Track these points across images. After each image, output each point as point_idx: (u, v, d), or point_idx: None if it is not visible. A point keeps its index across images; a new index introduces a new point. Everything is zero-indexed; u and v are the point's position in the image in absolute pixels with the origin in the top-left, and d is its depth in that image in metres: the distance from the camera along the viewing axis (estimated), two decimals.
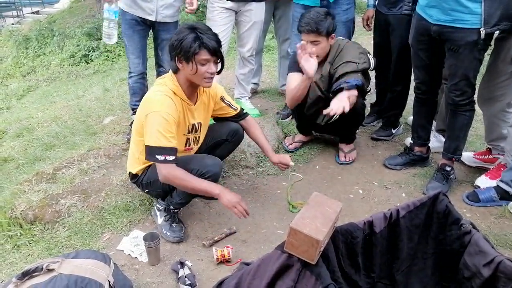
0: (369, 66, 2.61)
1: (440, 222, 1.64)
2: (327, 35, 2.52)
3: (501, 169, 2.56)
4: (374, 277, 1.68)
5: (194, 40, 1.90)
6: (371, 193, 2.59)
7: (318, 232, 1.38)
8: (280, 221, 2.37)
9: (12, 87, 7.34)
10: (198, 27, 1.94)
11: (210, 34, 1.95)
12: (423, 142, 2.76)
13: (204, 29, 1.95)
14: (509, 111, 2.55)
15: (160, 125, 1.92)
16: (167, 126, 1.93)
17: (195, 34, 1.90)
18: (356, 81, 2.51)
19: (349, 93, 2.48)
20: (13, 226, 2.31)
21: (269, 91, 4.02)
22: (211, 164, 2.09)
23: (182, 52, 1.93)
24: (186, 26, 1.96)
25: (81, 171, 2.63)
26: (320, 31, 2.48)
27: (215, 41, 1.95)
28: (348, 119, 2.71)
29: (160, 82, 2.09)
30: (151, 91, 2.08)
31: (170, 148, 1.93)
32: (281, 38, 3.58)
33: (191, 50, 1.90)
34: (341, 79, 2.54)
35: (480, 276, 1.46)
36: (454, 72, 2.31)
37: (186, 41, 1.90)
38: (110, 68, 7.05)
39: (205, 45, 1.91)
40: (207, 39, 1.92)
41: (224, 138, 2.37)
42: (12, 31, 9.67)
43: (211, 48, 1.93)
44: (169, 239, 2.17)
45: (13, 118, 4.69)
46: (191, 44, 1.90)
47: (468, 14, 2.13)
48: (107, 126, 3.34)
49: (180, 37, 1.92)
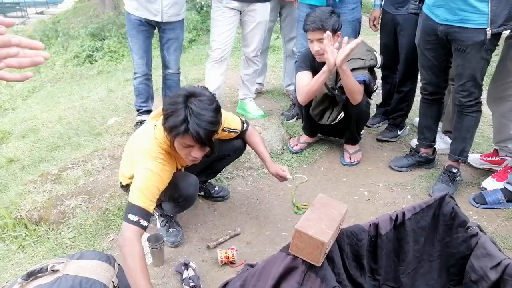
0: (376, 63, 2.61)
1: (446, 224, 1.63)
2: (333, 32, 2.51)
3: (508, 171, 2.54)
4: (380, 279, 1.66)
5: (182, 122, 1.64)
6: (376, 195, 2.58)
7: (324, 234, 1.37)
8: (285, 222, 2.35)
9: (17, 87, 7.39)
10: (192, 106, 1.65)
11: (203, 118, 1.65)
12: (429, 143, 2.74)
13: (198, 108, 1.65)
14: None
15: (147, 186, 1.73)
16: (153, 190, 1.75)
17: (184, 115, 1.63)
18: (363, 76, 2.52)
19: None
20: (18, 227, 2.32)
21: (273, 92, 4.01)
22: (184, 187, 1.95)
23: (167, 127, 1.70)
24: (184, 94, 1.68)
25: (86, 172, 2.63)
26: (326, 28, 2.47)
27: (205, 128, 1.65)
28: (353, 117, 2.71)
29: (152, 138, 1.84)
30: (145, 144, 1.84)
31: (147, 212, 1.71)
32: (287, 37, 3.57)
33: (173, 131, 1.68)
34: None
35: (487, 279, 1.44)
36: (461, 72, 2.29)
37: (173, 118, 1.66)
38: (114, 69, 7.08)
39: (191, 131, 1.64)
40: (196, 125, 1.63)
41: (227, 154, 2.29)
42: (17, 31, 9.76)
43: (197, 136, 1.65)
44: (167, 243, 2.16)
45: (18, 119, 4.72)
46: (176, 125, 1.65)
47: (475, 14, 2.12)
48: (111, 127, 3.35)
49: (172, 108, 1.67)
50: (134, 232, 1.67)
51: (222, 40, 3.08)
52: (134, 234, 1.66)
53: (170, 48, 3.00)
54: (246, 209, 2.47)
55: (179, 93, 1.71)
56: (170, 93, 3.18)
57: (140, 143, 1.88)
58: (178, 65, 3.12)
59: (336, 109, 2.73)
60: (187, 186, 1.97)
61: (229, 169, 2.74)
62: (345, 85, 2.49)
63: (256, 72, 3.42)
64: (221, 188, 2.55)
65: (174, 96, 1.71)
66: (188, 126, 1.64)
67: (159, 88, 3.37)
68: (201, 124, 1.64)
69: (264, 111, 3.40)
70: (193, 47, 7.52)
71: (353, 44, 2.31)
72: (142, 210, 1.70)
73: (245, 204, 2.51)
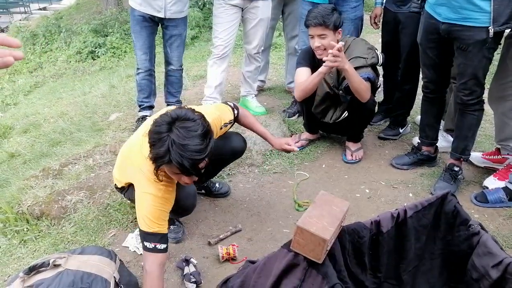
0: (378, 61, 2.61)
1: (448, 222, 1.63)
2: (334, 29, 2.51)
3: (510, 169, 2.53)
4: (381, 277, 1.66)
5: (165, 153, 1.50)
6: (378, 193, 2.57)
7: (325, 231, 1.37)
8: (286, 219, 2.36)
9: (19, 83, 7.39)
10: (175, 135, 1.49)
11: (188, 148, 1.49)
12: (431, 141, 2.74)
13: (182, 137, 1.49)
14: None
15: (153, 211, 1.67)
16: (160, 213, 1.68)
17: (167, 146, 1.49)
18: (367, 74, 2.52)
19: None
20: (20, 221, 2.32)
21: (275, 89, 4.00)
22: (182, 198, 1.89)
23: (151, 157, 1.56)
24: (167, 121, 1.52)
25: (87, 167, 2.63)
26: (327, 24, 2.47)
27: (190, 158, 1.50)
28: (358, 115, 2.71)
29: (148, 158, 1.65)
30: (144, 164, 1.68)
31: (162, 234, 1.67)
32: (289, 35, 3.56)
33: (157, 162, 1.55)
34: None
35: (488, 278, 1.44)
36: (463, 71, 2.28)
37: (156, 149, 1.52)
38: (117, 65, 7.07)
39: (173, 163, 1.51)
40: (179, 156, 1.49)
41: (227, 157, 2.28)
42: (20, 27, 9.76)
43: (181, 168, 1.53)
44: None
45: (20, 114, 4.72)
46: (159, 156, 1.52)
47: (477, 12, 2.11)
48: (113, 123, 3.35)
49: (156, 138, 1.53)
50: (154, 262, 1.64)
51: (224, 37, 3.08)
52: (154, 264, 1.64)
53: (173, 44, 3.00)
54: (247, 205, 2.47)
55: (162, 119, 1.54)
56: (173, 89, 3.19)
57: (138, 162, 1.74)
58: (180, 61, 3.12)
59: (339, 108, 2.73)
60: (186, 197, 1.94)
61: (230, 166, 2.73)
62: (351, 84, 2.47)
63: (258, 69, 3.42)
64: (222, 184, 2.55)
65: (158, 123, 1.54)
66: (171, 157, 1.49)
67: (161, 84, 3.37)
68: (184, 155, 1.49)
69: (265, 108, 3.40)
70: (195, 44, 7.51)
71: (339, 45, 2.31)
72: (155, 235, 1.65)
73: (246, 201, 2.51)
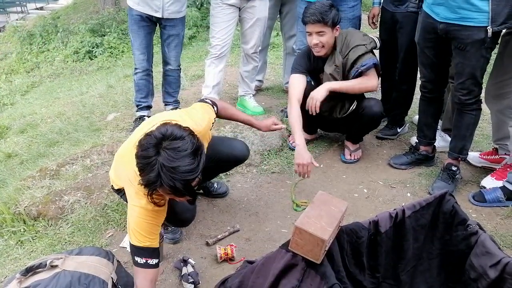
0: (376, 45, 2.64)
1: (446, 222, 1.63)
2: (333, 25, 2.51)
3: (507, 169, 2.54)
4: (379, 277, 1.66)
5: (155, 178, 1.42)
6: (376, 193, 2.57)
7: (324, 232, 1.37)
8: (284, 219, 2.35)
9: (16, 83, 7.36)
10: (164, 159, 1.40)
11: (178, 169, 1.41)
12: (429, 141, 2.74)
13: (171, 160, 1.40)
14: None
15: (143, 224, 1.61)
16: (151, 227, 1.63)
17: (157, 171, 1.41)
18: (372, 60, 2.56)
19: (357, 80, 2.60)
20: (16, 222, 2.31)
21: (273, 89, 4.00)
22: (181, 212, 1.89)
23: (142, 183, 1.48)
24: (154, 143, 1.42)
25: (85, 167, 2.62)
26: (326, 21, 2.47)
27: (182, 179, 1.42)
28: (364, 122, 2.74)
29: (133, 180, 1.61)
30: (135, 181, 1.57)
31: (152, 249, 1.62)
32: (287, 34, 3.56)
33: (150, 187, 1.48)
34: (356, 64, 2.56)
35: (486, 278, 1.44)
36: (461, 70, 2.28)
37: (146, 175, 1.44)
38: (114, 65, 7.05)
39: (165, 187, 1.44)
40: (171, 179, 1.41)
41: (228, 163, 2.29)
42: (17, 27, 9.71)
43: (173, 191, 1.46)
44: (165, 240, 2.15)
45: (17, 114, 4.70)
46: (150, 182, 1.44)
47: (475, 12, 2.11)
48: (110, 123, 3.34)
49: (144, 162, 1.44)
50: (146, 278, 1.60)
51: (222, 36, 3.07)
52: (146, 280, 1.60)
53: (170, 44, 2.99)
54: (245, 206, 2.47)
55: (148, 142, 1.44)
56: (170, 89, 3.18)
57: (128, 174, 1.67)
58: (178, 61, 3.11)
59: (347, 101, 2.72)
60: (185, 211, 1.91)
61: None
62: (352, 92, 2.61)
63: (256, 68, 3.41)
64: (220, 185, 2.55)
65: (144, 147, 1.44)
66: (162, 182, 1.42)
67: (159, 84, 3.37)
68: (176, 177, 1.41)
69: (263, 108, 3.39)
70: (192, 44, 7.50)
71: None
72: (145, 249, 1.60)
73: (244, 201, 2.50)
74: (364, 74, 2.58)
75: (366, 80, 2.59)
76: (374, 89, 2.64)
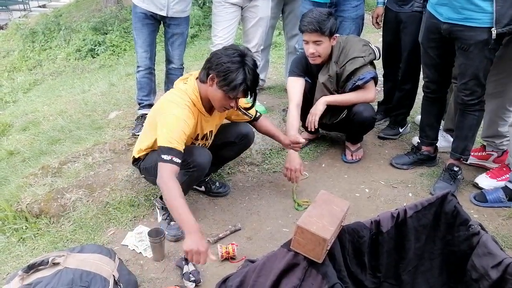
0: (375, 56, 2.62)
1: (448, 222, 1.63)
2: (330, 35, 2.49)
3: (504, 168, 2.55)
4: (380, 276, 1.66)
5: (242, 82, 1.89)
6: (377, 192, 2.57)
7: (325, 231, 1.37)
8: (285, 218, 2.35)
9: (19, 80, 7.38)
10: (248, 68, 1.89)
11: (256, 76, 1.95)
12: (431, 141, 2.74)
13: (252, 67, 1.91)
14: (510, 109, 2.55)
15: (174, 129, 1.90)
16: (180, 133, 1.91)
17: (244, 75, 1.88)
18: (369, 74, 2.55)
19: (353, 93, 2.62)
20: (18, 219, 2.32)
21: (275, 88, 4.00)
22: (198, 154, 2.07)
23: (224, 82, 1.89)
24: (239, 54, 1.91)
25: (87, 165, 2.63)
26: (323, 30, 2.45)
27: (256, 84, 1.98)
28: (356, 127, 2.74)
29: (181, 89, 2.04)
30: (172, 94, 2.04)
31: (179, 151, 1.88)
32: (289, 34, 3.56)
33: (233, 90, 1.90)
34: (353, 77, 2.55)
35: (488, 278, 1.44)
36: (464, 71, 2.28)
37: (234, 77, 1.88)
38: (116, 63, 7.06)
39: (248, 90, 1.95)
40: (252, 84, 1.93)
41: (232, 140, 2.34)
42: (19, 24, 9.72)
43: (251, 92, 1.99)
44: (167, 237, 2.15)
45: (19, 112, 4.71)
46: (236, 85, 1.89)
47: (479, 13, 2.10)
48: (112, 121, 3.34)
49: (229, 67, 1.88)
50: (170, 171, 1.83)
51: (224, 35, 3.07)
52: (171, 172, 1.83)
53: (174, 43, 2.99)
54: (246, 204, 2.47)
55: (233, 52, 1.90)
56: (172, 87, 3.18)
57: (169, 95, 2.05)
58: (181, 60, 3.11)
59: (338, 109, 2.72)
60: (201, 154, 2.09)
61: (230, 165, 2.73)
62: (349, 105, 2.65)
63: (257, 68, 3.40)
64: (221, 183, 2.55)
65: (228, 55, 1.90)
66: (248, 86, 1.91)
67: (161, 82, 3.37)
68: (255, 81, 1.94)
69: (265, 107, 3.40)
70: (195, 42, 7.50)
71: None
72: (173, 149, 1.85)
73: (245, 200, 2.51)
74: (362, 87, 2.58)
75: (363, 94, 2.60)
76: (371, 101, 2.66)
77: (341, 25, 2.90)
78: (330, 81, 2.62)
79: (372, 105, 2.73)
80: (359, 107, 2.64)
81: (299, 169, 2.43)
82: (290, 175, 2.44)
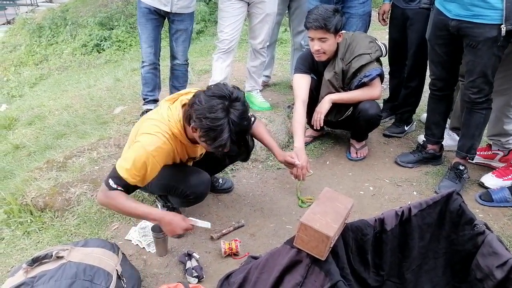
0: (382, 53, 2.60)
1: (453, 221, 1.62)
2: (335, 32, 2.47)
3: (510, 168, 2.53)
4: (384, 275, 1.66)
5: (225, 142, 1.66)
6: (381, 190, 2.56)
7: (329, 228, 1.37)
8: (289, 215, 2.35)
9: (25, 75, 7.42)
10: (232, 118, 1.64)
11: (242, 127, 1.70)
12: (437, 140, 2.72)
13: (238, 118, 1.65)
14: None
15: (137, 163, 1.71)
16: (142, 169, 1.73)
17: (229, 132, 1.64)
18: (375, 71, 2.53)
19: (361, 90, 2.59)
20: (23, 213, 2.33)
21: (280, 84, 3.99)
22: (196, 185, 1.96)
23: (207, 138, 1.68)
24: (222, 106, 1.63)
25: (91, 160, 2.64)
26: (329, 27, 2.42)
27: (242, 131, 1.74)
28: (362, 125, 2.72)
29: (164, 116, 1.81)
30: (151, 123, 1.80)
31: (128, 185, 1.73)
32: (295, 30, 3.54)
33: (217, 148, 1.70)
34: (359, 74, 2.54)
35: (493, 278, 1.43)
36: (472, 68, 2.26)
37: (216, 136, 1.65)
38: (122, 58, 7.07)
39: (234, 142, 1.71)
40: (238, 134, 1.69)
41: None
42: (26, 19, 9.74)
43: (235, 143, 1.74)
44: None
45: (25, 106, 4.74)
46: (222, 143, 1.66)
47: (488, 10, 2.08)
48: (117, 116, 3.35)
49: (210, 126, 1.63)
50: (109, 193, 1.73)
51: (230, 31, 3.06)
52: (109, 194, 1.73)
53: (178, 39, 2.99)
54: (250, 201, 2.46)
55: (217, 103, 1.63)
56: (177, 83, 3.18)
57: (150, 121, 1.82)
58: (186, 56, 3.11)
59: (344, 106, 2.70)
60: (200, 183, 1.98)
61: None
62: (354, 102, 2.62)
63: (263, 64, 3.40)
64: (225, 180, 2.55)
65: (211, 107, 1.63)
66: (233, 140, 1.68)
67: (166, 78, 3.37)
68: (241, 133, 1.72)
69: (270, 104, 3.39)
70: (200, 39, 7.50)
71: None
72: (123, 180, 1.72)
73: (249, 196, 2.50)
74: (367, 84, 2.56)
75: (369, 91, 2.58)
76: (377, 98, 2.64)
77: (348, 22, 2.88)
78: (336, 78, 2.60)
79: (377, 103, 2.71)
80: (365, 104, 2.62)
81: (306, 166, 2.38)
82: (296, 173, 2.38)
